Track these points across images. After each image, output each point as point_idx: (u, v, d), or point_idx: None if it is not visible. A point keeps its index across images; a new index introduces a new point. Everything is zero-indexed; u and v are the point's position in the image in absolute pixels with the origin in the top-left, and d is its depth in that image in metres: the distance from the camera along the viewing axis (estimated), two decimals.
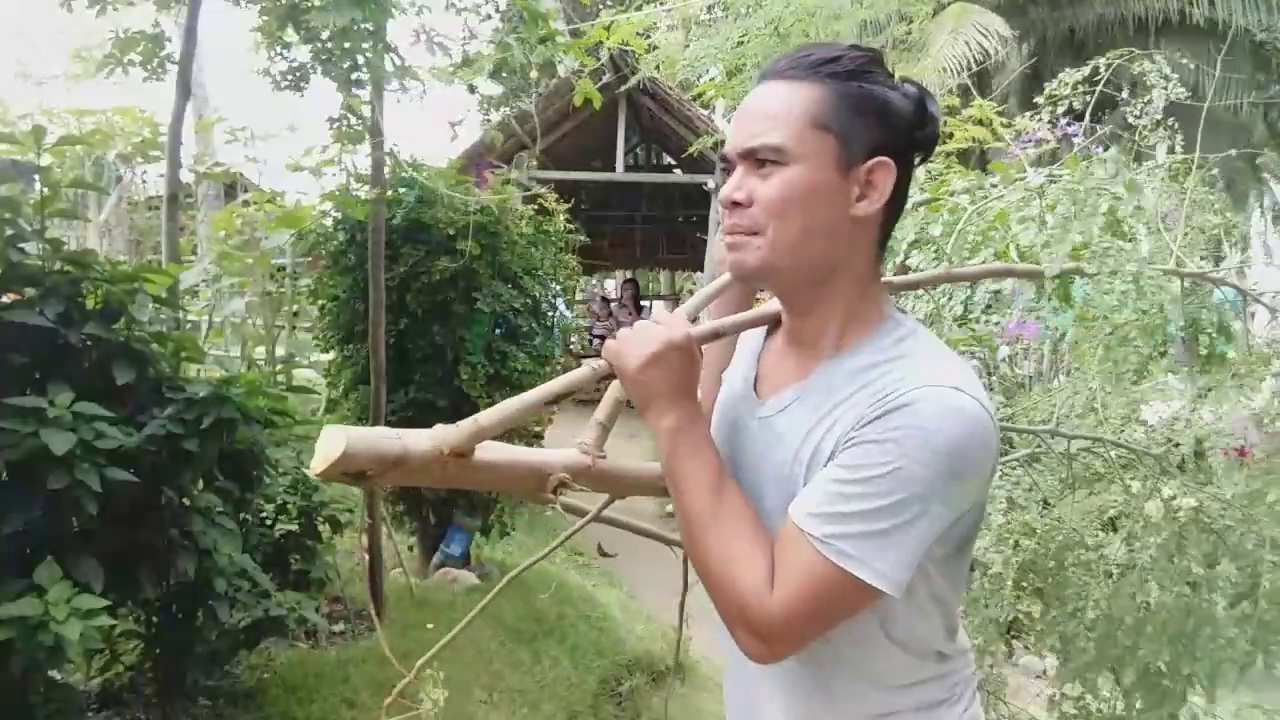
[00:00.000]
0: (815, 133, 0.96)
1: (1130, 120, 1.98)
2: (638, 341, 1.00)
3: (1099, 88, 1.98)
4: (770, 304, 1.17)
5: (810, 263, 1.00)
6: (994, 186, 1.93)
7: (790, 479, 0.99)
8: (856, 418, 0.94)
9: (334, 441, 0.93)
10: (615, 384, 1.10)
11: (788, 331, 1.11)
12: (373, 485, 0.93)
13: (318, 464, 0.93)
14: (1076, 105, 2.02)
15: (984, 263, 1.83)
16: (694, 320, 1.11)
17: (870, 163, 0.97)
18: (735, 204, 1.00)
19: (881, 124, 0.98)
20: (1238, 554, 1.88)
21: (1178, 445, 1.91)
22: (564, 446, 1.10)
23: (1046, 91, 2.04)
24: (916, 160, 1.05)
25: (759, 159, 0.98)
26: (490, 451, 1.00)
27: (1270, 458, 1.93)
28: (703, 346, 1.07)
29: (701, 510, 0.97)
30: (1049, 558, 2.03)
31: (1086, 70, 1.99)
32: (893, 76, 1.01)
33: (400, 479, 1.00)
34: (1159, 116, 1.93)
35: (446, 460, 0.97)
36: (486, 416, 1.01)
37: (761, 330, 1.19)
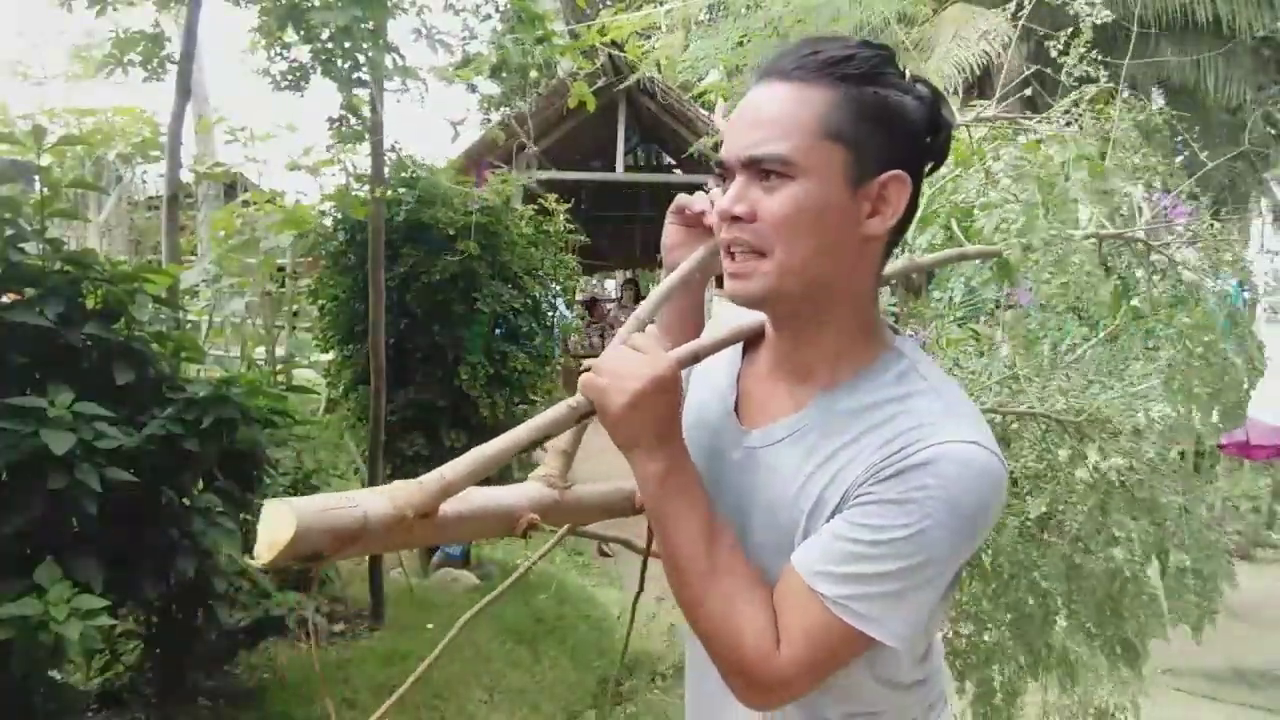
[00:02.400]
0: (826, 143, 0.88)
1: (1054, 55, 1.94)
2: (621, 376, 0.89)
3: (1021, 20, 1.95)
4: (746, 318, 1.07)
5: (816, 286, 0.92)
6: (952, 170, 1.92)
7: (785, 523, 0.94)
8: (866, 468, 0.88)
9: (280, 522, 0.78)
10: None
11: (778, 355, 1.02)
12: (322, 566, 0.82)
13: (263, 552, 0.79)
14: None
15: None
16: (650, 320, 1.04)
17: (883, 176, 0.89)
18: (735, 218, 0.91)
19: (896, 133, 0.90)
20: (1152, 509, 1.94)
21: (1129, 421, 1.93)
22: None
23: None
24: (927, 170, 0.96)
25: (763, 169, 0.89)
26: (452, 503, 0.89)
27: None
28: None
29: (695, 561, 0.90)
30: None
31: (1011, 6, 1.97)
32: (904, 77, 0.93)
33: (358, 552, 0.87)
34: (1084, 49, 1.89)
35: (411, 524, 0.84)
36: (453, 470, 0.88)
37: (737, 344, 1.09)
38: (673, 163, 11.78)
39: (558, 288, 5.21)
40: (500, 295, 4.36)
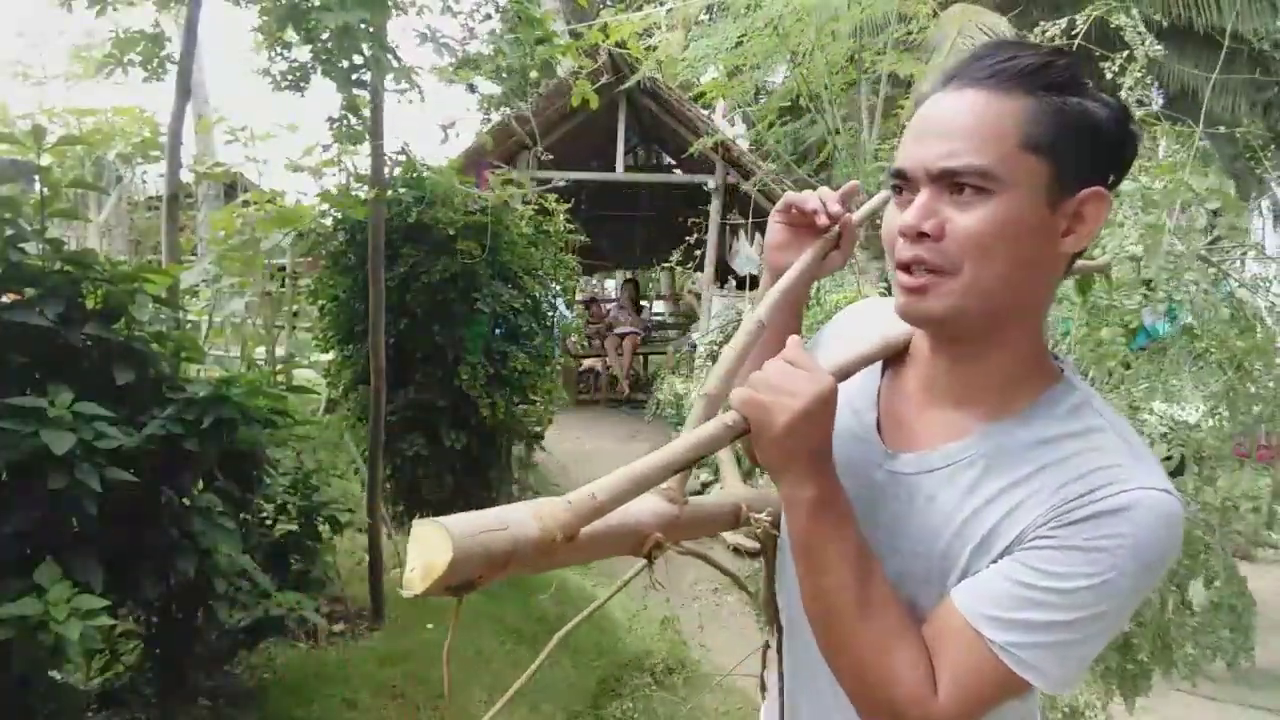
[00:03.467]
0: (1027, 156, 0.82)
1: (1110, 76, 2.00)
2: (784, 393, 0.82)
3: (1076, 40, 2.00)
4: (893, 331, 1.00)
5: (1000, 309, 0.86)
6: None
7: (944, 555, 0.88)
8: (1047, 508, 0.82)
9: (434, 546, 0.72)
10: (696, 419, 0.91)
11: (933, 376, 0.95)
12: (467, 594, 0.76)
13: (416, 582, 0.72)
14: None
15: None
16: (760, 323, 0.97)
17: (1083, 193, 0.84)
18: (922, 234, 0.84)
19: (1095, 146, 0.84)
20: (1188, 541, 1.97)
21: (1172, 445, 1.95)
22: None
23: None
24: (1109, 182, 0.89)
25: (958, 183, 0.83)
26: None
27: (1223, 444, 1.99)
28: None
29: (846, 595, 0.84)
30: None
31: (1063, 23, 2.02)
32: (1094, 85, 0.87)
33: (508, 573, 0.81)
34: (1140, 74, 1.94)
35: (557, 547, 0.79)
36: (605, 491, 0.81)
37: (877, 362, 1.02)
38: (673, 163, 11.77)
39: (558, 288, 5.21)
40: (500, 295, 4.36)
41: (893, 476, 0.93)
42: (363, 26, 2.79)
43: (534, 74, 3.69)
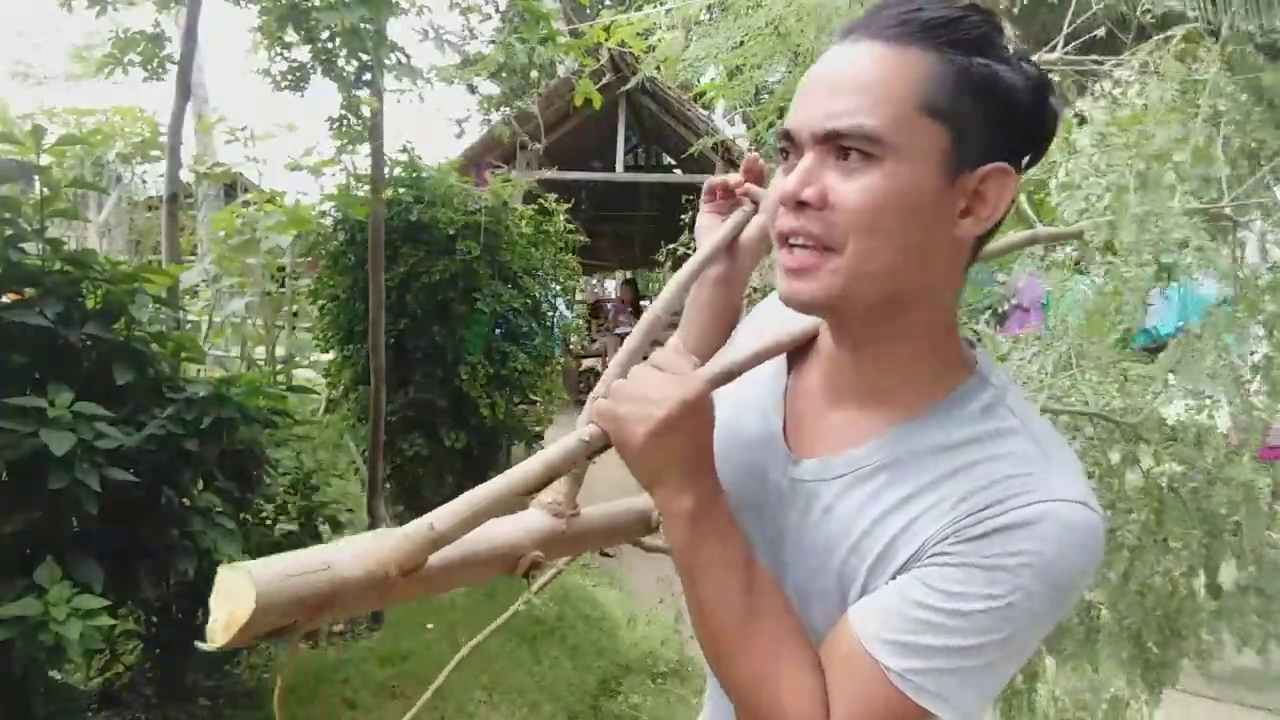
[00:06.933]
0: (924, 120, 0.72)
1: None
2: (643, 402, 0.75)
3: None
4: (790, 324, 0.91)
5: (892, 294, 0.76)
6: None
7: (842, 571, 0.79)
8: (949, 521, 0.74)
9: (237, 594, 0.66)
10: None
11: (837, 373, 0.85)
12: (293, 638, 0.71)
13: (218, 633, 0.67)
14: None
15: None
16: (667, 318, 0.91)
17: (984, 169, 0.74)
18: (802, 204, 0.75)
19: (1003, 117, 0.74)
20: (1207, 518, 1.85)
21: (1169, 424, 1.85)
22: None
23: None
24: (1024, 164, 0.79)
25: (843, 146, 0.73)
26: (440, 550, 0.78)
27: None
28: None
29: (730, 616, 0.77)
30: None
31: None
32: (1010, 51, 0.76)
33: (333, 614, 0.75)
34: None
35: (393, 582, 0.73)
36: (443, 520, 0.75)
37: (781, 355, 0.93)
38: (673, 163, 11.78)
39: (558, 288, 5.21)
40: (500, 295, 4.36)
41: (794, 484, 0.84)
42: (365, 27, 2.80)
43: (534, 73, 3.70)
